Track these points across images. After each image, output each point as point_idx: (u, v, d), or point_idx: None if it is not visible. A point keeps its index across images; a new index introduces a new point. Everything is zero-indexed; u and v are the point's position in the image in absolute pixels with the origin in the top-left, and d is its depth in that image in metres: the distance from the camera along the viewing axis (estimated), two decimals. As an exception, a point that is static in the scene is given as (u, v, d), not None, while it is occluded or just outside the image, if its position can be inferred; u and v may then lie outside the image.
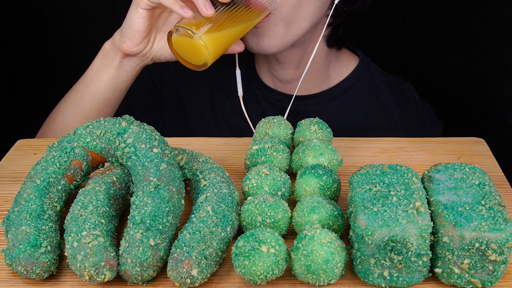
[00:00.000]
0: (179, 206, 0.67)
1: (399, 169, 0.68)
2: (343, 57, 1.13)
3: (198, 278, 0.62)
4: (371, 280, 0.63)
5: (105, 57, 0.96)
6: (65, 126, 1.01)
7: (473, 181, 0.66)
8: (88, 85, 0.98)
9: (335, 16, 1.02)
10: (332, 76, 1.12)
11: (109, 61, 0.96)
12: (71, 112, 1.00)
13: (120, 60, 0.95)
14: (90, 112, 0.99)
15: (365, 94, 1.12)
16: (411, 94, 1.15)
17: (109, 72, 0.96)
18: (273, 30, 0.94)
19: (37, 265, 0.63)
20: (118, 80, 0.97)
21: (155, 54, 0.95)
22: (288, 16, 0.93)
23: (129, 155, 0.70)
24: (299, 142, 0.83)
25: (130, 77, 0.97)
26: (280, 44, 0.96)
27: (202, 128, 1.15)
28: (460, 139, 0.91)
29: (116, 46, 0.94)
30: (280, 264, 0.61)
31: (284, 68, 1.08)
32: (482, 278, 0.62)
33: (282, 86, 1.11)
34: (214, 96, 1.15)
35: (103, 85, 0.97)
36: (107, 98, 0.98)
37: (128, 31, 0.91)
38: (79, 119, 0.99)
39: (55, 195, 0.71)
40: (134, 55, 0.94)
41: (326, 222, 0.66)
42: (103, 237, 0.64)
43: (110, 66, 0.96)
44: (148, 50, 0.94)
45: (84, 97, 0.98)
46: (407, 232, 0.60)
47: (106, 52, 0.96)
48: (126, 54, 0.94)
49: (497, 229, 0.60)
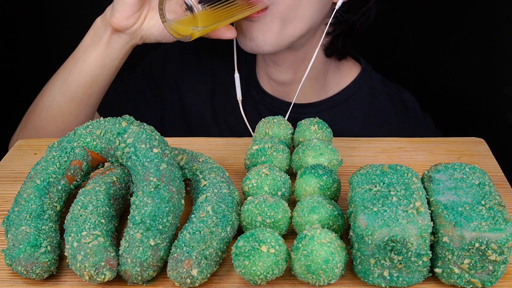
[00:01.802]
0: (179, 206, 0.67)
1: (399, 169, 0.68)
2: (344, 65, 1.11)
3: (198, 278, 0.62)
4: (371, 280, 0.63)
5: (95, 32, 0.95)
6: (51, 102, 0.99)
7: (473, 181, 0.66)
8: (76, 61, 0.97)
9: (335, 25, 1.01)
10: (331, 84, 1.10)
11: (98, 36, 0.94)
12: (58, 88, 0.99)
13: (110, 36, 0.93)
14: (77, 89, 0.97)
15: (364, 104, 1.11)
16: (411, 105, 1.14)
17: (98, 48, 0.95)
18: (268, 27, 0.93)
19: (37, 265, 0.63)
20: (106, 58, 0.95)
21: (145, 32, 0.93)
22: (285, 13, 0.92)
23: (129, 155, 0.70)
24: (299, 142, 0.83)
25: (120, 55, 0.96)
26: (275, 42, 0.95)
27: (202, 129, 1.15)
28: (460, 139, 0.91)
29: (106, 21, 0.93)
30: (280, 264, 0.61)
31: (281, 71, 1.07)
32: (482, 278, 0.62)
33: (281, 92, 1.10)
34: (215, 98, 1.15)
35: (91, 61, 0.95)
36: (94, 76, 0.96)
37: (119, 2, 0.90)
38: (65, 96, 0.98)
39: (55, 195, 0.71)
40: (124, 31, 0.93)
41: (326, 222, 0.66)
42: (103, 237, 0.64)
43: (99, 42, 0.94)
44: (138, 26, 0.92)
45: (72, 74, 0.97)
46: (407, 232, 0.60)
47: (96, 28, 0.95)
48: (115, 29, 0.92)
49: (497, 229, 0.60)
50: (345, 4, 0.99)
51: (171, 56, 1.17)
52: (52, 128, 1.00)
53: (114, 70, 0.98)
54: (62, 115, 0.99)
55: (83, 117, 1.00)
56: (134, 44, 0.95)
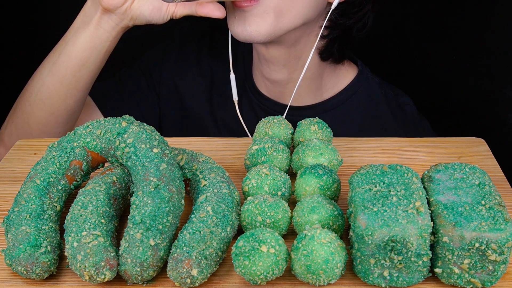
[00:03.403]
0: (179, 206, 0.67)
1: (399, 169, 0.68)
2: (341, 68, 1.11)
3: (198, 278, 0.62)
4: (371, 280, 0.63)
5: (85, 14, 0.95)
6: (40, 86, 0.99)
7: (473, 181, 0.66)
8: (66, 43, 0.96)
9: (330, 28, 1.01)
10: (327, 86, 1.10)
11: (88, 17, 0.94)
12: (47, 71, 0.98)
13: (100, 17, 0.93)
14: (66, 71, 0.96)
15: (361, 107, 1.11)
16: (409, 108, 1.13)
17: (88, 29, 0.94)
18: (262, 17, 0.93)
19: (37, 265, 0.63)
20: (96, 39, 0.94)
21: (134, 12, 0.92)
22: (279, 5, 0.92)
23: (129, 155, 0.70)
24: (299, 142, 0.83)
25: (110, 37, 0.95)
26: (268, 33, 0.94)
27: (200, 128, 1.15)
28: (460, 139, 0.91)
29: (96, 1, 0.92)
30: (280, 264, 0.61)
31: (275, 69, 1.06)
32: (482, 278, 0.62)
33: (276, 92, 1.10)
34: (212, 97, 1.15)
35: (81, 42, 0.94)
36: (84, 58, 0.95)
37: None
38: (54, 79, 0.97)
39: (55, 195, 0.71)
40: (114, 11, 0.92)
41: (326, 222, 0.66)
42: (103, 237, 0.64)
43: (89, 23, 0.94)
44: (127, 6, 0.91)
45: (61, 56, 0.96)
46: (407, 232, 0.60)
47: (87, 8, 0.95)
48: (105, 8, 0.91)
49: (497, 229, 0.60)
50: (341, 6, 0.98)
51: (168, 54, 1.17)
52: (41, 112, 1.00)
53: (104, 53, 0.97)
54: (50, 98, 0.98)
55: (71, 101, 0.99)
56: (124, 26, 0.94)
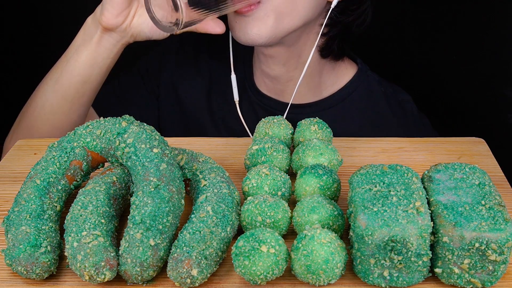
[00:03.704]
0: (179, 206, 0.67)
1: (399, 169, 0.68)
2: (340, 66, 1.11)
3: (198, 278, 0.62)
4: (371, 280, 0.63)
5: (86, 32, 0.95)
6: (44, 102, 0.99)
7: (473, 181, 0.66)
8: (68, 61, 0.96)
9: (330, 26, 1.01)
10: (327, 84, 1.10)
11: (89, 36, 0.94)
12: (50, 88, 0.98)
13: (100, 35, 0.93)
14: (69, 88, 0.97)
15: (361, 105, 1.11)
16: (408, 106, 1.14)
17: (89, 47, 0.94)
18: (263, 20, 0.93)
19: (37, 265, 0.63)
20: (98, 57, 0.95)
21: (135, 29, 0.93)
22: (279, 8, 0.92)
23: (129, 155, 0.70)
24: (299, 142, 0.83)
25: (111, 55, 0.95)
26: (270, 36, 0.94)
27: (200, 129, 1.15)
28: (460, 139, 0.91)
29: (96, 20, 0.93)
30: (280, 264, 0.61)
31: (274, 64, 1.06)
32: (482, 278, 0.62)
33: (276, 91, 1.10)
34: (212, 98, 1.15)
35: (82, 60, 0.95)
36: (86, 75, 0.96)
37: (107, 1, 0.89)
38: (58, 95, 0.98)
39: (55, 195, 0.71)
40: (114, 30, 0.92)
41: (326, 222, 0.66)
42: (103, 237, 0.64)
43: (90, 41, 0.94)
44: (127, 24, 0.92)
45: (64, 73, 0.97)
46: (407, 232, 0.60)
47: (87, 27, 0.95)
48: (106, 28, 0.92)
49: (497, 229, 0.60)
50: (340, 4, 0.99)
51: (167, 56, 1.17)
52: (46, 127, 1.00)
53: (106, 69, 0.97)
54: (54, 114, 0.99)
55: (75, 116, 1.00)
56: (125, 43, 0.95)
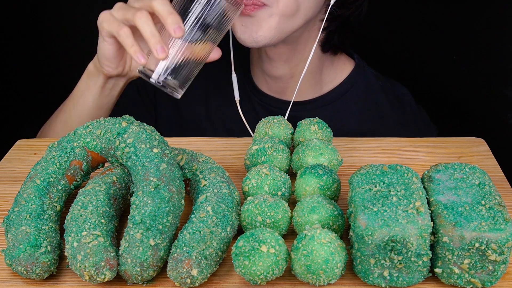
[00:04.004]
0: (179, 206, 0.67)
1: (399, 169, 0.68)
2: (338, 61, 1.12)
3: (198, 278, 0.62)
4: (371, 280, 0.63)
5: (89, 78, 0.97)
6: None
7: (473, 181, 0.66)
8: (74, 105, 0.99)
9: (330, 21, 1.02)
10: (326, 80, 1.11)
11: (93, 81, 0.97)
12: (60, 129, 1.02)
13: (104, 81, 0.96)
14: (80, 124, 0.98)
15: (360, 99, 1.11)
16: (406, 99, 1.14)
17: (94, 92, 0.97)
18: (267, 22, 0.93)
19: (37, 265, 0.63)
20: (104, 99, 0.98)
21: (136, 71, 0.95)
22: (285, 10, 0.93)
23: (129, 155, 0.70)
24: (299, 142, 0.83)
25: (115, 94, 0.99)
26: (274, 37, 0.95)
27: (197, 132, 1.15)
28: (460, 139, 0.91)
29: (98, 68, 0.95)
30: (280, 264, 0.61)
31: (276, 66, 1.06)
32: (482, 278, 0.62)
33: (277, 89, 1.10)
34: (210, 100, 1.15)
35: (90, 105, 0.98)
36: (95, 114, 0.99)
37: (102, 59, 0.92)
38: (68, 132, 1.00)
39: (55, 195, 0.71)
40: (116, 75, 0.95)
41: (326, 222, 0.66)
42: (103, 237, 0.64)
43: (94, 86, 0.97)
44: (128, 69, 0.95)
45: (72, 116, 1.00)
46: (407, 232, 0.60)
47: (90, 73, 0.97)
48: (108, 76, 0.95)
49: (497, 229, 0.60)
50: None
51: None
52: None
53: (112, 104, 1.01)
54: None
55: None
56: (129, 80, 0.98)
